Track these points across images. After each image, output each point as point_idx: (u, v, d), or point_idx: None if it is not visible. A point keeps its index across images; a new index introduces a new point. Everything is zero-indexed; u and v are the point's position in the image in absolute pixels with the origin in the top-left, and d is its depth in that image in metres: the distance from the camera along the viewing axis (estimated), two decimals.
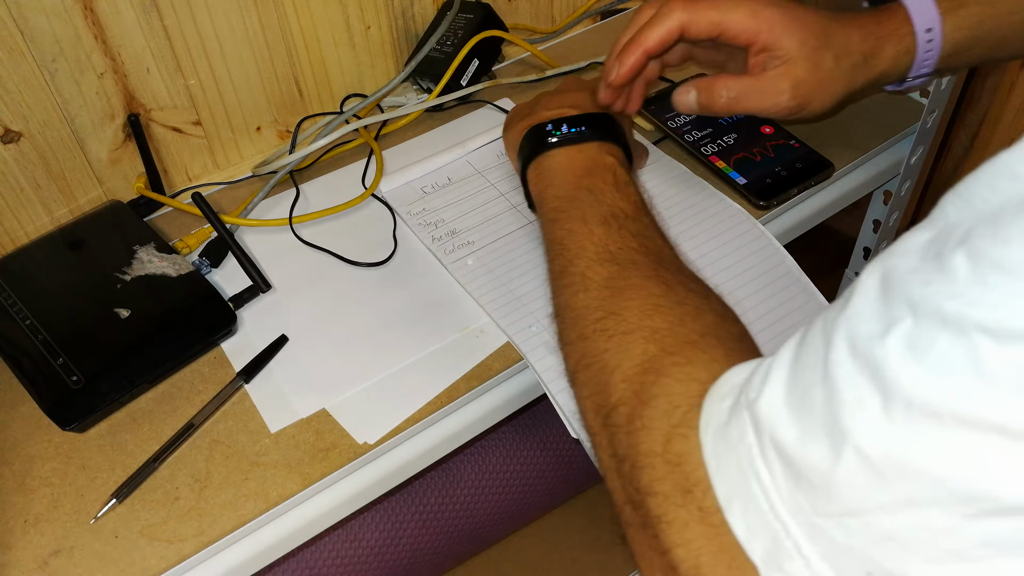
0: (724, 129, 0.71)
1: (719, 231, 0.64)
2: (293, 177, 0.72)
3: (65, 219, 0.68)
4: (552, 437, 0.84)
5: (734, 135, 0.71)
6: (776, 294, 0.61)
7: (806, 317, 0.60)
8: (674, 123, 0.72)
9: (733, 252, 0.62)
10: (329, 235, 0.66)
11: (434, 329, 0.59)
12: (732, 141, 0.70)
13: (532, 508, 0.87)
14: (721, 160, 0.68)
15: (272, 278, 0.63)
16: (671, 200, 0.66)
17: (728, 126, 0.72)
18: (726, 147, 0.70)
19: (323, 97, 0.77)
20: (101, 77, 0.64)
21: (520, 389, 0.57)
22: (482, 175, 0.70)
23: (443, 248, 0.64)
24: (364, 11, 0.74)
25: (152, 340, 0.57)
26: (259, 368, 0.57)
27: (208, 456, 0.53)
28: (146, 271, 0.61)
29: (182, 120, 0.70)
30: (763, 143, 0.70)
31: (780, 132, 0.71)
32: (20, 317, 0.58)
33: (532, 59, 0.83)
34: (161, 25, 0.64)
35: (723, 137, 0.70)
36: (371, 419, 0.54)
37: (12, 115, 0.61)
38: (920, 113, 0.73)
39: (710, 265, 0.62)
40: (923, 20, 0.54)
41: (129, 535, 0.49)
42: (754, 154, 0.69)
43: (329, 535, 0.75)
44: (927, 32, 0.54)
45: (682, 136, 0.71)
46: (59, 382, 0.54)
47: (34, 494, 0.52)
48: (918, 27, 0.54)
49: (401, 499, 0.78)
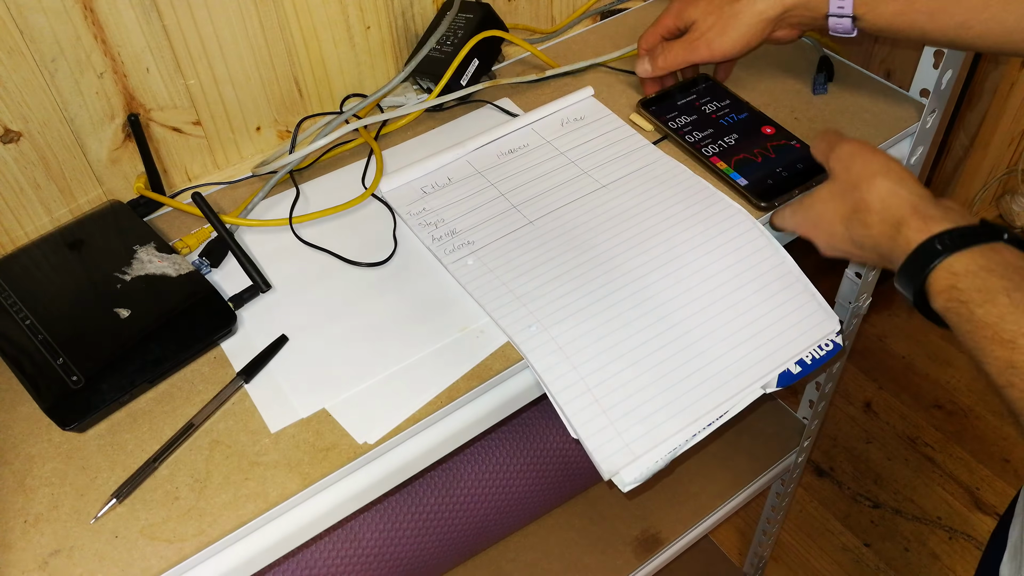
0: (725, 130, 0.71)
1: (719, 231, 0.64)
2: (293, 177, 0.72)
3: (65, 219, 0.68)
4: (552, 437, 0.84)
5: (735, 135, 0.71)
6: (776, 294, 0.61)
7: (806, 317, 0.61)
8: (675, 124, 0.72)
9: (733, 252, 0.63)
10: (329, 235, 0.66)
11: (434, 329, 0.59)
12: (733, 142, 0.70)
13: (532, 508, 0.87)
14: (722, 161, 0.68)
15: (272, 278, 0.63)
16: (672, 200, 0.66)
17: (729, 127, 0.71)
18: (727, 148, 0.69)
19: (323, 97, 0.77)
20: (101, 77, 0.64)
21: (520, 389, 0.57)
22: (482, 175, 0.70)
23: (443, 248, 0.64)
24: (364, 11, 0.74)
25: (152, 340, 0.57)
26: (259, 368, 0.57)
27: (208, 456, 0.53)
28: (146, 271, 0.61)
29: (182, 120, 0.70)
30: (764, 143, 0.70)
31: (781, 132, 0.71)
32: (20, 317, 0.58)
33: (532, 59, 0.83)
34: (161, 25, 0.64)
35: (724, 138, 0.70)
36: (371, 419, 0.54)
37: (12, 115, 0.61)
38: (920, 113, 0.73)
39: (710, 265, 0.62)
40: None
41: (129, 535, 0.49)
42: (755, 155, 0.69)
43: (329, 535, 0.75)
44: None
45: (683, 137, 0.71)
46: (59, 382, 0.54)
47: (34, 494, 0.52)
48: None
49: (401, 499, 0.78)
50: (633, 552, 0.99)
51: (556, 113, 0.75)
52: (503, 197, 0.68)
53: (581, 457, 0.85)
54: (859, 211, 0.55)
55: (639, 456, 0.53)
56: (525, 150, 0.71)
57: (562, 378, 0.55)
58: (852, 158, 0.57)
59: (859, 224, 0.55)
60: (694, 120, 0.72)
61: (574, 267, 0.62)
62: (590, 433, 0.54)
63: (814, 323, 0.60)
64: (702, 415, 0.56)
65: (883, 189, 0.54)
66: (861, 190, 0.55)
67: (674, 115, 0.73)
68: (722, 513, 1.04)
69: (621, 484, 0.53)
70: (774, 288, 0.61)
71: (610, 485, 0.54)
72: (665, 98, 0.75)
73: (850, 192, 0.56)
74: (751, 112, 0.73)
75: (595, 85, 0.78)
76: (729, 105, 0.74)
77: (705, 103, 0.74)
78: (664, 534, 1.01)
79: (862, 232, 0.55)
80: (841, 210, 0.56)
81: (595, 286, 0.60)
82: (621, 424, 0.54)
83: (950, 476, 1.52)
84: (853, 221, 0.56)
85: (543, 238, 0.64)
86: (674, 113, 0.73)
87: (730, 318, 0.60)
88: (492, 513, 0.82)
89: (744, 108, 0.73)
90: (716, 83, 0.76)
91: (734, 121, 0.72)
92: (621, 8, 0.90)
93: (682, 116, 0.73)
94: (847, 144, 0.58)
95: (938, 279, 0.50)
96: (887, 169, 0.55)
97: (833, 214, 0.57)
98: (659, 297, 0.60)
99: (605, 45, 0.84)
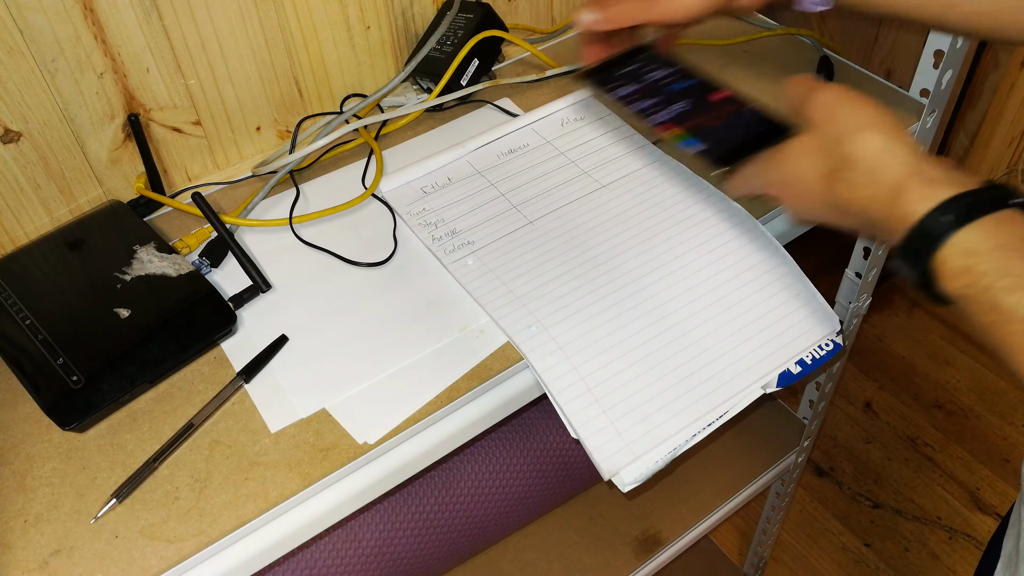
0: (675, 96, 0.64)
1: (719, 231, 0.64)
2: (293, 177, 0.72)
3: (65, 219, 0.68)
4: (552, 437, 0.84)
5: (687, 102, 0.64)
6: (776, 294, 0.61)
7: (806, 317, 0.61)
8: (620, 93, 0.65)
9: (733, 252, 0.63)
10: (329, 235, 0.66)
11: (434, 329, 0.59)
12: (686, 107, 0.63)
13: (532, 508, 0.87)
14: (675, 126, 0.62)
15: (272, 278, 0.63)
16: (671, 200, 0.66)
17: (679, 93, 0.64)
18: (679, 114, 0.63)
19: (323, 97, 0.77)
20: (101, 77, 0.64)
21: (520, 389, 0.57)
22: (482, 175, 0.70)
23: (443, 248, 0.64)
24: (364, 11, 0.74)
25: (152, 340, 0.57)
26: (259, 368, 0.57)
27: (208, 456, 0.53)
28: (146, 271, 0.61)
29: (182, 120, 0.70)
30: (719, 108, 0.63)
31: (736, 97, 0.64)
32: (20, 317, 0.58)
33: (532, 59, 0.83)
34: (161, 25, 0.64)
35: (674, 104, 0.63)
36: (371, 419, 0.54)
37: (12, 115, 0.61)
38: (920, 113, 0.73)
39: (710, 265, 0.62)
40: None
41: (129, 535, 0.49)
42: (711, 119, 0.63)
43: (329, 535, 0.75)
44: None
45: (630, 105, 0.64)
46: (59, 382, 0.54)
47: (34, 494, 0.52)
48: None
49: (401, 499, 0.78)
50: (633, 552, 0.99)
51: (556, 113, 0.75)
52: (503, 197, 0.68)
53: (581, 457, 0.85)
54: (843, 169, 0.47)
55: (639, 456, 0.53)
56: (525, 150, 0.71)
57: (562, 378, 0.55)
58: (836, 107, 0.49)
59: (844, 184, 0.48)
60: (640, 88, 0.65)
61: (574, 267, 0.62)
62: (590, 433, 0.54)
63: (814, 323, 0.60)
64: (702, 415, 0.56)
65: (875, 145, 0.46)
66: (847, 144, 0.47)
67: (619, 84, 0.66)
68: (722, 513, 1.04)
69: (621, 484, 0.53)
70: (774, 288, 0.61)
71: (610, 485, 0.54)
72: (607, 68, 0.68)
73: (833, 146, 0.48)
74: (701, 78, 0.66)
75: None
76: (676, 72, 0.67)
77: (650, 71, 0.67)
78: (664, 534, 1.01)
79: (847, 194, 0.48)
80: (821, 167, 0.49)
81: (595, 286, 0.60)
82: (621, 424, 0.54)
83: (950, 476, 1.52)
84: (836, 180, 0.48)
85: (543, 238, 0.64)
86: (619, 83, 0.66)
87: (730, 318, 0.60)
88: (492, 513, 0.82)
89: (693, 75, 0.66)
90: (659, 51, 0.69)
91: (684, 88, 0.65)
92: None
93: (628, 85, 0.66)
94: (829, 90, 0.50)
95: (950, 258, 0.43)
96: (879, 121, 0.47)
97: (810, 171, 0.49)
98: (659, 297, 0.60)
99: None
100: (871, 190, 0.46)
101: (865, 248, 0.85)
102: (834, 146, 0.48)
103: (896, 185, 0.45)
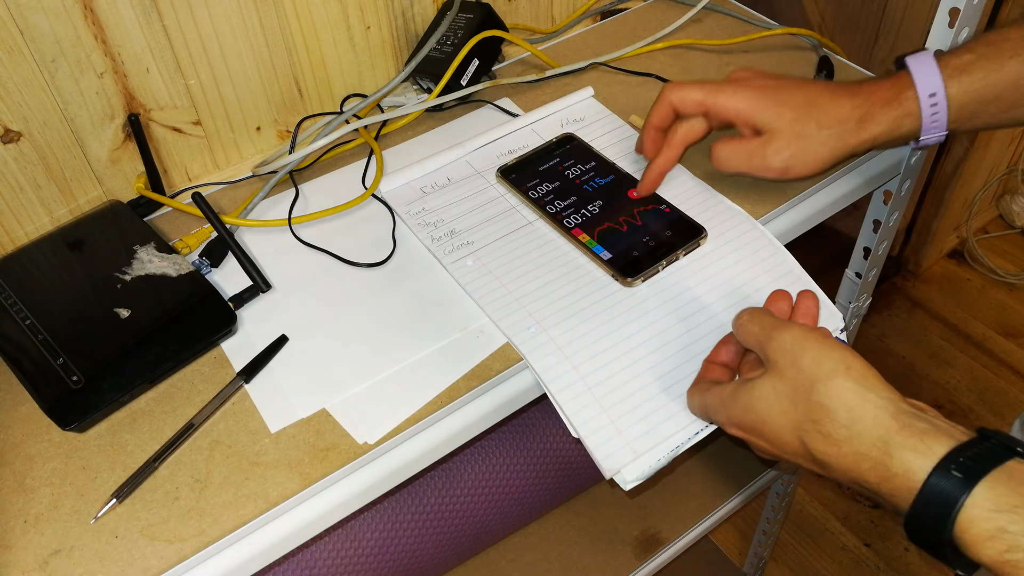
0: (589, 196, 0.66)
1: (720, 231, 0.64)
2: (293, 177, 0.72)
3: (65, 219, 0.68)
4: (552, 437, 0.84)
5: (599, 202, 0.65)
6: None
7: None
8: (535, 193, 0.66)
9: (734, 252, 0.63)
10: (329, 235, 0.66)
11: (434, 329, 0.59)
12: (597, 209, 0.65)
13: (532, 508, 0.87)
14: (584, 232, 0.63)
15: (272, 278, 0.63)
16: (671, 200, 0.66)
17: (593, 193, 0.66)
18: (590, 217, 0.64)
19: (323, 97, 0.77)
20: (101, 77, 0.64)
21: (520, 389, 0.57)
22: (482, 175, 0.70)
23: (442, 248, 0.64)
24: (364, 11, 0.74)
25: (152, 340, 0.57)
26: (259, 368, 0.57)
27: (208, 456, 0.53)
28: (146, 271, 0.61)
29: (182, 120, 0.70)
30: (630, 209, 0.65)
31: (648, 197, 0.66)
32: (20, 317, 0.58)
33: (532, 59, 0.83)
34: (161, 25, 0.64)
35: (588, 206, 0.65)
36: (371, 419, 0.54)
37: (12, 115, 0.61)
38: None
39: (711, 265, 0.62)
40: (926, 86, 0.58)
41: (129, 535, 0.49)
42: (620, 223, 0.64)
43: (329, 535, 0.75)
44: (931, 96, 0.58)
45: (544, 207, 0.65)
46: (59, 382, 0.54)
47: (34, 494, 0.52)
48: (921, 92, 0.58)
49: (401, 499, 0.78)
50: (633, 552, 0.99)
51: (556, 113, 0.75)
52: (503, 197, 0.68)
53: (581, 457, 0.85)
54: (818, 421, 0.44)
55: (640, 454, 0.53)
56: (525, 150, 0.71)
57: (562, 378, 0.55)
58: (799, 351, 0.46)
59: (820, 438, 0.44)
60: (556, 187, 0.67)
61: (573, 268, 0.62)
62: (590, 432, 0.54)
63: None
64: None
65: (847, 394, 0.44)
66: (817, 393, 0.44)
67: (535, 183, 0.67)
68: (722, 513, 1.04)
69: (623, 482, 0.53)
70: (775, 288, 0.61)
71: (611, 484, 0.54)
72: (524, 166, 0.69)
73: (802, 394, 0.45)
74: (617, 174, 0.68)
75: (595, 85, 0.78)
76: (594, 168, 0.68)
77: (569, 167, 0.69)
78: (664, 534, 1.01)
79: (825, 449, 0.44)
80: (792, 417, 0.46)
81: (595, 287, 0.60)
82: (622, 423, 0.54)
83: None
84: (812, 433, 0.45)
85: (542, 239, 0.64)
86: (535, 180, 0.67)
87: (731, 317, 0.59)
88: (492, 513, 0.82)
89: (610, 170, 0.68)
90: (580, 142, 0.71)
91: (598, 186, 0.67)
92: (621, 8, 0.90)
93: (544, 183, 0.67)
94: (789, 331, 0.47)
95: (976, 521, 0.38)
96: (846, 366, 0.44)
97: (781, 419, 0.46)
98: (659, 296, 0.60)
99: (605, 45, 0.84)
100: (854, 446, 0.43)
101: (865, 248, 0.85)
102: (803, 394, 0.45)
103: (882, 439, 0.42)
